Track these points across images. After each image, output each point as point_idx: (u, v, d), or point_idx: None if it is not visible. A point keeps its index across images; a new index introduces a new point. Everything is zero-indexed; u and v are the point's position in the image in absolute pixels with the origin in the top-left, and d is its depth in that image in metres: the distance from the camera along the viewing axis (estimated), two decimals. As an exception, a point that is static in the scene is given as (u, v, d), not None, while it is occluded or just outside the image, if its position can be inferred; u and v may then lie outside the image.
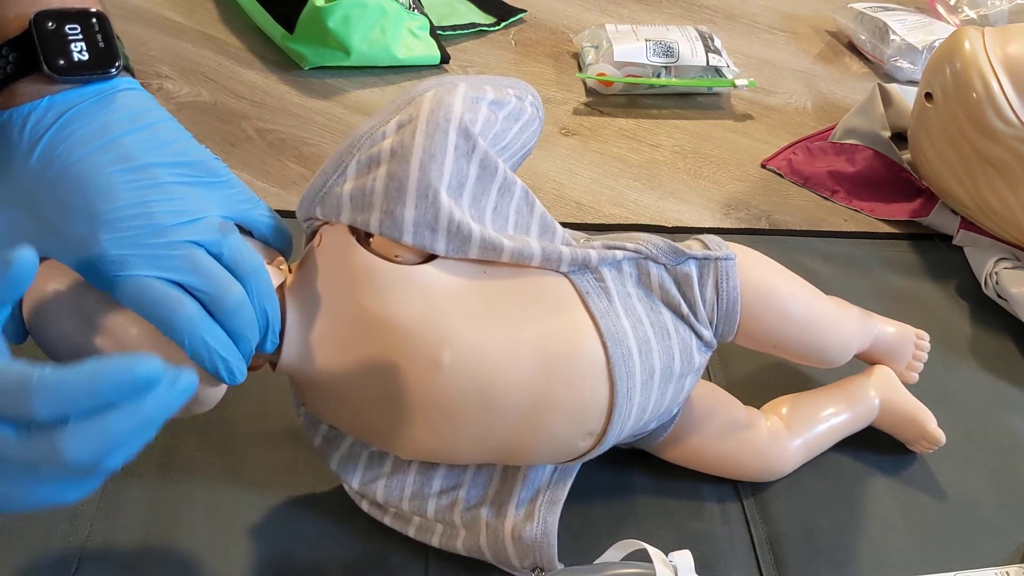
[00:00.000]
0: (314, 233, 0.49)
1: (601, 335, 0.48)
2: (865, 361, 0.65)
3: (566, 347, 0.48)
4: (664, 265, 0.52)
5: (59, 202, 0.40)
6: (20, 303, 0.43)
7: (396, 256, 0.46)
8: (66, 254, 0.41)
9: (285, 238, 0.49)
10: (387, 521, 0.54)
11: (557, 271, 0.49)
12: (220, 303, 0.41)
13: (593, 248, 0.50)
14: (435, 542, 0.53)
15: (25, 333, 0.43)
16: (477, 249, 0.46)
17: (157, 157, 0.42)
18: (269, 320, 0.44)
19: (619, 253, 0.51)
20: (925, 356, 0.65)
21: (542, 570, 0.52)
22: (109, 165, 0.41)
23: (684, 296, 0.52)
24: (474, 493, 0.54)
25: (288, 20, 0.94)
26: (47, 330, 0.43)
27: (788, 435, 0.60)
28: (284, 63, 0.97)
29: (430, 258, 0.47)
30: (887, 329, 0.64)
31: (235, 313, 0.42)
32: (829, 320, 0.58)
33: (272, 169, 0.83)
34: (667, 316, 0.52)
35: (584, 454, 0.51)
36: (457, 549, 0.53)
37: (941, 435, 0.61)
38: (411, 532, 0.54)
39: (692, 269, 0.52)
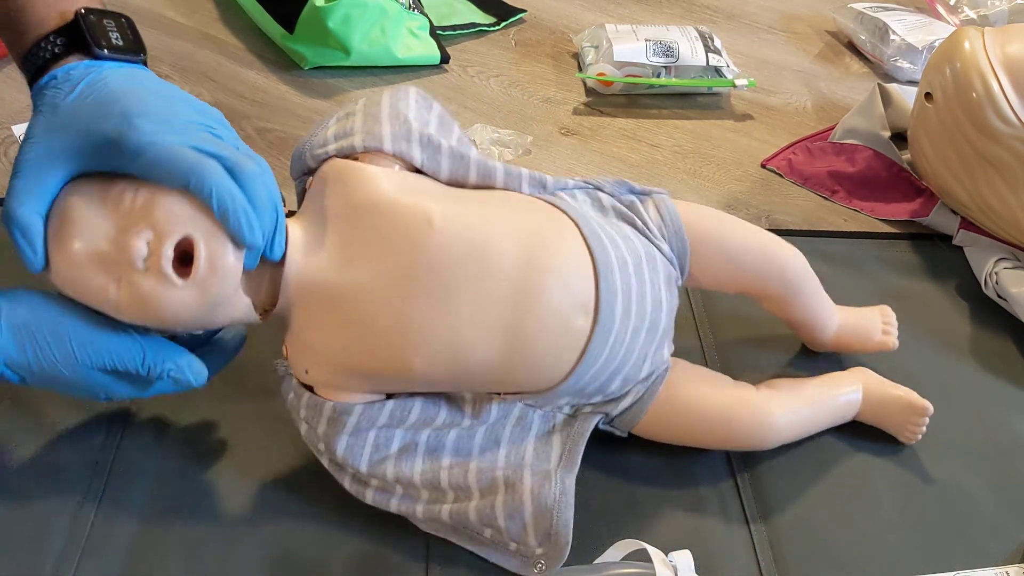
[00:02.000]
0: (304, 192, 0.55)
1: (570, 216, 0.54)
2: (839, 350, 0.67)
3: (541, 221, 0.54)
4: (611, 195, 0.59)
5: (96, 111, 0.48)
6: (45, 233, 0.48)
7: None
8: (100, 150, 0.47)
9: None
10: (393, 505, 0.54)
11: (519, 191, 0.56)
12: (241, 168, 0.48)
13: (548, 177, 0.57)
14: (445, 514, 0.54)
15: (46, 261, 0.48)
16: (447, 160, 0.54)
17: (178, 97, 0.50)
18: (278, 213, 0.50)
19: (571, 182, 0.59)
20: (894, 321, 0.68)
21: (545, 565, 0.53)
22: (139, 89, 0.49)
23: (635, 215, 0.59)
24: (486, 463, 0.55)
25: (288, 20, 0.94)
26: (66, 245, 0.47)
27: (778, 399, 0.61)
28: (284, 63, 0.97)
29: None
30: (846, 311, 0.68)
31: (254, 180, 0.48)
32: (774, 238, 0.63)
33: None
34: (626, 228, 0.58)
35: (588, 343, 0.52)
36: (469, 519, 0.53)
37: (927, 404, 0.62)
38: (419, 511, 0.54)
39: (634, 198, 0.60)
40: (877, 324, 0.68)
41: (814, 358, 0.69)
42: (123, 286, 0.47)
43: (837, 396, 0.63)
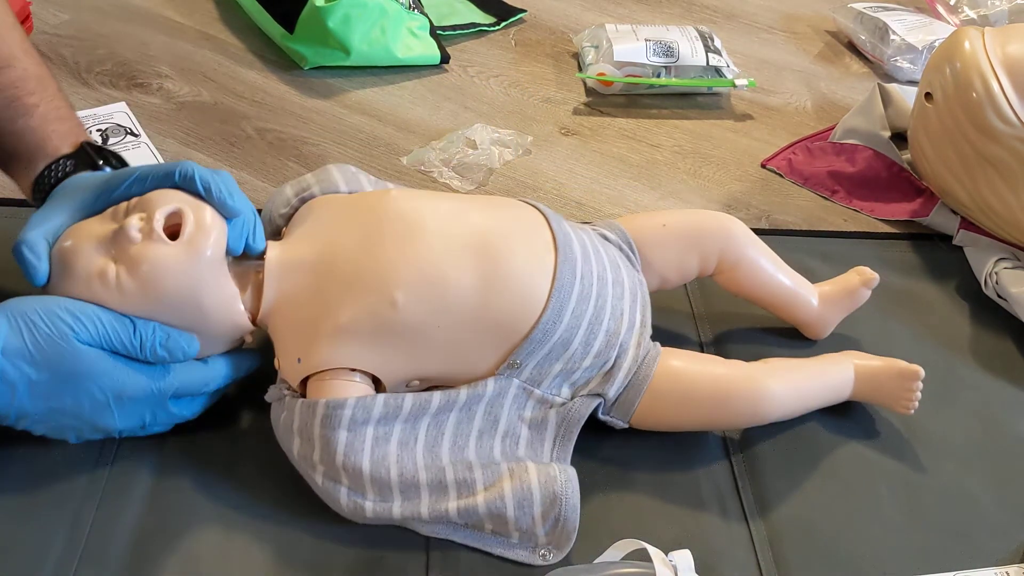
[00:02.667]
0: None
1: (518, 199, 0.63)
2: (834, 318, 0.70)
3: (492, 198, 0.64)
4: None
5: (91, 175, 0.59)
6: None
7: None
8: (97, 194, 0.56)
9: None
10: (396, 512, 0.54)
11: None
12: (216, 171, 0.56)
13: None
14: (453, 510, 0.54)
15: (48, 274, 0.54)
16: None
17: None
18: (254, 212, 0.57)
19: None
20: (869, 270, 0.69)
21: (550, 552, 0.54)
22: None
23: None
24: (485, 452, 0.56)
25: (288, 20, 0.95)
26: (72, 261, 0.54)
27: (774, 372, 0.62)
28: (284, 63, 0.97)
29: None
30: (821, 284, 0.70)
31: (229, 177, 0.56)
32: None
33: (272, 169, 0.83)
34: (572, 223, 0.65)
35: (555, 270, 0.57)
36: (478, 512, 0.53)
37: (917, 367, 0.62)
38: (424, 511, 0.54)
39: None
40: (852, 276, 0.70)
41: (811, 351, 0.69)
42: (120, 259, 0.53)
43: (831, 370, 0.64)
